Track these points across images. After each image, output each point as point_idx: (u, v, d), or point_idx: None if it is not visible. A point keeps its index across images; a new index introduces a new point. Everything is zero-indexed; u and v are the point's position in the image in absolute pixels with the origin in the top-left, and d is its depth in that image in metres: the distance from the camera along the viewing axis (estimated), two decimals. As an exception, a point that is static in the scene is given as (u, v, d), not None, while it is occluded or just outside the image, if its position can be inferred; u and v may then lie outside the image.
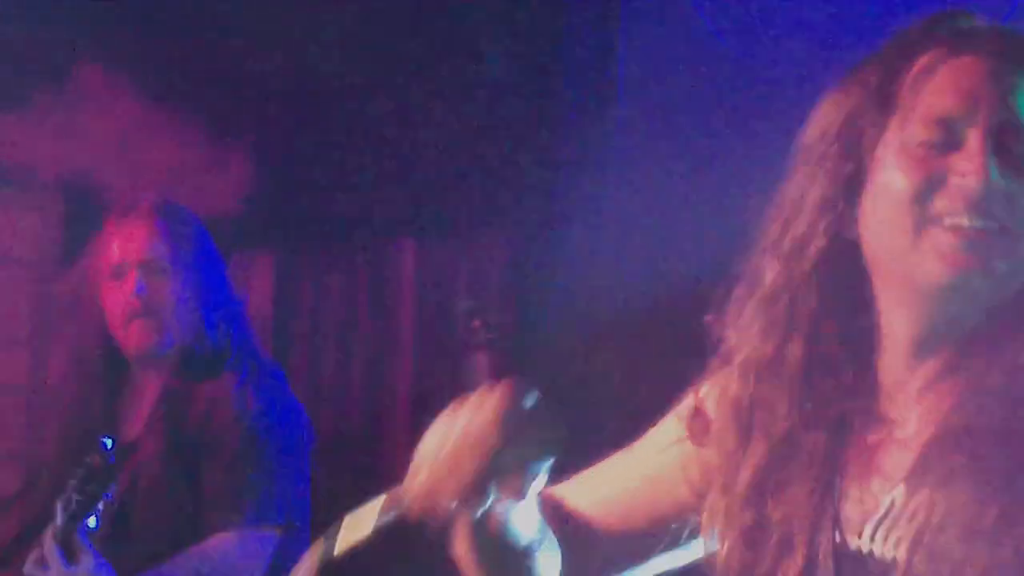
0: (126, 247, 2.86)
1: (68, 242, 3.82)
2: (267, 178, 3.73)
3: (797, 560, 1.35)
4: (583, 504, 1.45)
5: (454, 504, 1.24)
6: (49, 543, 2.77)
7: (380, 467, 3.66)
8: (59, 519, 2.76)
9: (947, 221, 1.21)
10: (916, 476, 1.23)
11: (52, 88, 3.63)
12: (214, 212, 3.34)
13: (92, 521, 2.79)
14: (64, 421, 3.20)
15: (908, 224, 1.22)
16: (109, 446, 2.77)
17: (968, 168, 1.20)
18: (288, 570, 2.69)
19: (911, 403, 1.28)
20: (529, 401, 1.20)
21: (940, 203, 1.20)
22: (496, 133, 3.64)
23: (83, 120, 3.64)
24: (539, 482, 1.25)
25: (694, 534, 1.46)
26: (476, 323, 3.49)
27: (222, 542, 2.85)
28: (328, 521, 1.55)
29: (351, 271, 3.68)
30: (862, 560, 1.28)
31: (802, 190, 1.33)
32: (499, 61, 3.71)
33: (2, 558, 3.28)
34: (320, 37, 3.65)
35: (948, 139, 1.23)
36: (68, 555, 2.75)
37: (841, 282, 1.28)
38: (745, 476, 1.34)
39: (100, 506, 2.82)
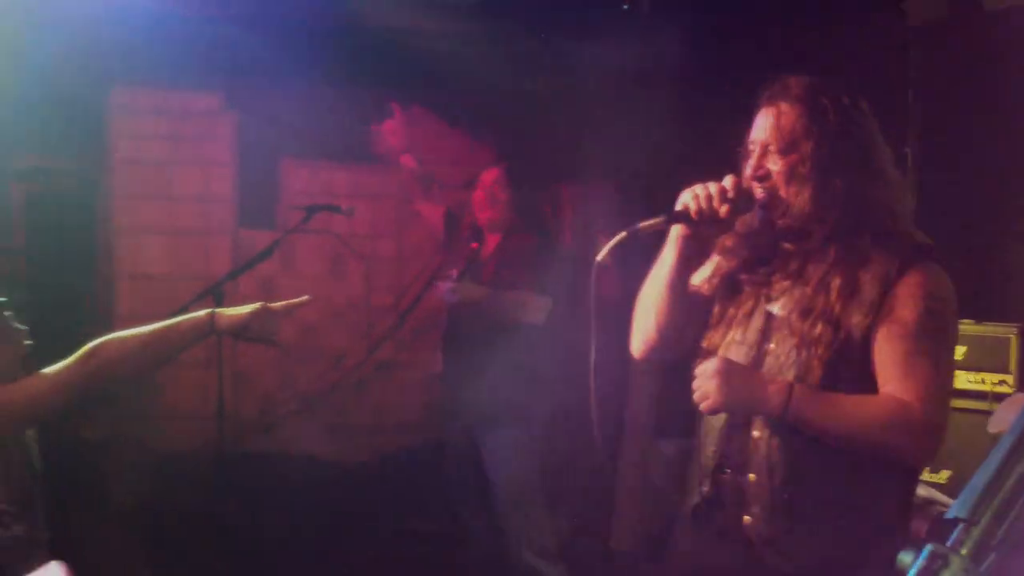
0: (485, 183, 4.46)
1: (407, 190, 5.46)
2: (499, 152, 5.57)
3: (747, 308, 2.31)
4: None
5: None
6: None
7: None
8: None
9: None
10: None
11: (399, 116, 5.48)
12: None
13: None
14: (436, 253, 4.82)
15: None
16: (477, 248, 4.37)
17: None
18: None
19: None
20: None
21: None
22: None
23: (416, 130, 5.52)
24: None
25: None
26: (598, 216, 5.20)
27: (521, 292, 4.24)
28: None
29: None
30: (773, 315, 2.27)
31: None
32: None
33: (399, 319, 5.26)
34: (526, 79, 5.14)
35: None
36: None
37: None
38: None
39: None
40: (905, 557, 1.05)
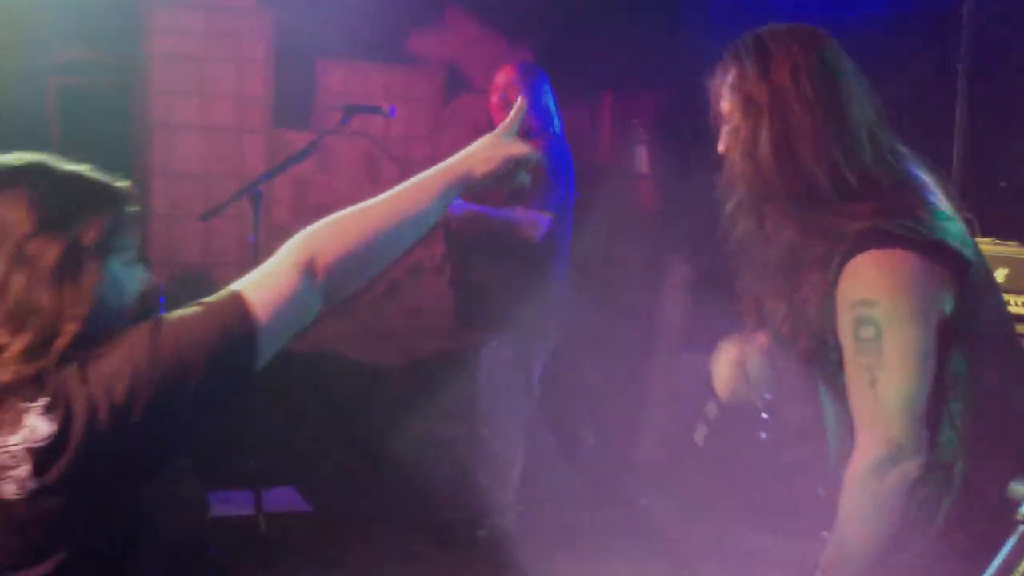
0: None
1: (445, 90, 6.13)
2: (536, 58, 5.77)
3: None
4: None
5: None
6: None
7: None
8: None
9: None
10: None
11: (436, 17, 5.90)
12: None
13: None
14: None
15: None
16: None
17: None
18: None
19: None
20: None
21: None
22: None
23: (452, 32, 5.97)
24: None
25: None
26: (639, 126, 5.32)
27: (516, 208, 4.08)
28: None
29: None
30: None
31: None
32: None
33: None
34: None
35: None
36: None
37: None
38: None
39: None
40: (1017, 487, 1.02)
